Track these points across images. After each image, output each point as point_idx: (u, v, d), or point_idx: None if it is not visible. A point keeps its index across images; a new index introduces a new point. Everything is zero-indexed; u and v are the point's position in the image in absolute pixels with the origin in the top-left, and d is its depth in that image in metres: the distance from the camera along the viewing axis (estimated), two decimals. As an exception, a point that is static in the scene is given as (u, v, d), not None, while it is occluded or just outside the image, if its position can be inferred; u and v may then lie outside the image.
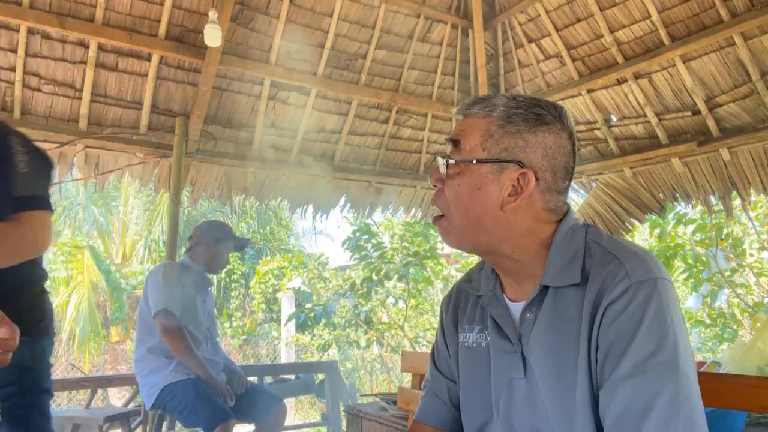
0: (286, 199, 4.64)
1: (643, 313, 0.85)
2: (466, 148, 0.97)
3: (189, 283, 2.98)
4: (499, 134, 0.96)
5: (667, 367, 0.82)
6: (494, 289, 1.06)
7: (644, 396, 0.81)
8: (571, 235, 0.97)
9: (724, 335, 5.69)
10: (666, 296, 0.87)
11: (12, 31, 3.39)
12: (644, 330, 0.84)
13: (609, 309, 0.87)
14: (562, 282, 0.94)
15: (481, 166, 0.95)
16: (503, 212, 0.95)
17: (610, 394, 0.84)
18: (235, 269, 12.47)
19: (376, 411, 2.51)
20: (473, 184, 0.96)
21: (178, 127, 3.89)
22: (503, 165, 0.95)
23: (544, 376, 0.93)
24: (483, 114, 0.98)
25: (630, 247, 0.94)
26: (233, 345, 10.82)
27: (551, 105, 0.99)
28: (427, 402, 1.18)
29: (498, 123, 0.96)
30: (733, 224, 5.94)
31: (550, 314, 0.95)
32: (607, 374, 0.86)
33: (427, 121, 4.94)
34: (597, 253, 0.94)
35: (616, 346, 0.86)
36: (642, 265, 0.89)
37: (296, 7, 4.07)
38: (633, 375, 0.83)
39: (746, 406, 1.08)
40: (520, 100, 0.98)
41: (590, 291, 0.91)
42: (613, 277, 0.89)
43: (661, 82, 3.94)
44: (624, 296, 0.87)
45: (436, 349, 1.20)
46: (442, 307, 1.21)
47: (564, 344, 0.92)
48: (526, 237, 0.97)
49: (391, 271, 6.63)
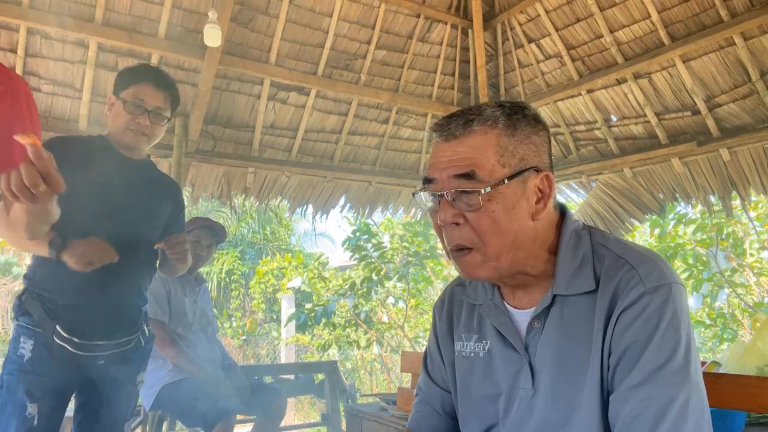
0: (286, 199, 4.64)
1: (659, 320, 0.84)
2: (486, 170, 0.88)
3: (174, 286, 2.96)
4: (512, 145, 0.90)
5: (679, 375, 0.82)
6: (493, 297, 1.02)
7: (657, 404, 0.81)
8: (576, 239, 0.95)
9: (724, 335, 5.69)
10: (680, 302, 0.86)
11: (12, 31, 3.39)
12: (659, 337, 0.83)
13: (623, 315, 0.86)
14: (575, 290, 0.91)
15: (510, 184, 0.88)
16: (533, 222, 0.91)
17: (623, 400, 0.83)
18: (235, 269, 12.48)
19: (376, 411, 2.51)
20: (508, 205, 0.88)
21: (178, 127, 3.89)
22: (525, 175, 0.90)
23: (554, 386, 0.92)
24: (486, 128, 0.90)
25: (639, 250, 0.92)
26: (233, 345, 10.81)
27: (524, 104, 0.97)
28: (421, 411, 1.15)
29: (506, 133, 0.90)
30: (733, 224, 5.93)
31: (558, 323, 0.93)
32: (618, 380, 0.85)
33: (427, 121, 4.94)
34: (606, 258, 0.92)
35: (629, 353, 0.85)
36: (655, 270, 0.88)
37: (296, 7, 4.06)
38: (646, 382, 0.82)
39: (746, 406, 1.08)
40: (510, 104, 0.94)
41: (602, 297, 0.89)
42: (626, 282, 0.87)
43: (661, 82, 3.94)
44: (639, 302, 0.85)
45: (429, 356, 1.16)
46: (435, 313, 1.16)
47: (574, 352, 0.90)
48: (538, 245, 0.94)
49: (391, 271, 6.64)
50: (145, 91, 1.92)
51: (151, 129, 1.94)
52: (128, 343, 1.89)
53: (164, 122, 1.98)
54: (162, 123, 1.97)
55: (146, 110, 1.91)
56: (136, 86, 1.92)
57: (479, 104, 0.94)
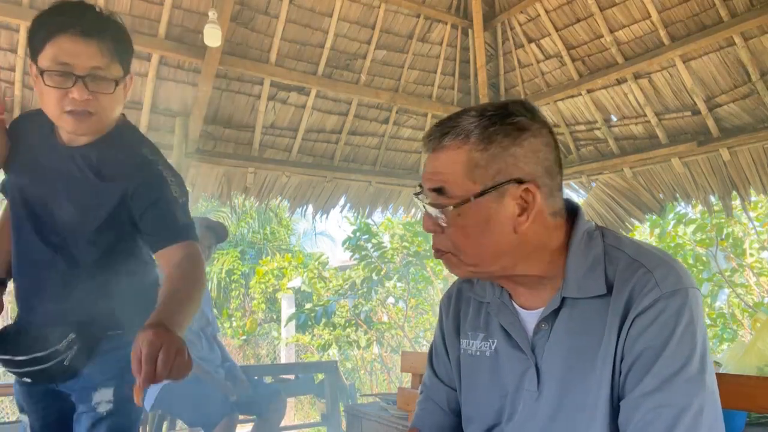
0: (286, 199, 4.64)
1: (675, 325, 0.82)
2: (455, 187, 0.88)
3: None
4: (485, 159, 0.87)
5: (694, 383, 0.80)
6: (501, 296, 1.01)
7: (670, 412, 0.79)
8: (587, 240, 0.93)
9: (724, 335, 5.69)
10: (696, 308, 0.84)
11: (12, 31, 3.39)
12: (674, 344, 0.82)
13: (637, 320, 0.84)
14: (585, 293, 0.90)
15: (480, 200, 0.87)
16: (518, 234, 0.89)
17: (635, 407, 0.82)
18: (235, 269, 12.47)
19: (376, 411, 2.51)
20: (479, 220, 0.88)
21: (178, 127, 3.89)
22: (502, 188, 0.87)
23: (560, 389, 0.90)
24: (458, 143, 0.88)
25: (654, 252, 0.90)
26: (233, 345, 10.81)
27: (521, 104, 0.91)
28: (425, 409, 1.14)
29: (479, 148, 0.87)
30: (733, 224, 5.94)
31: (567, 325, 0.91)
32: (631, 386, 0.83)
33: (427, 121, 4.94)
34: (620, 260, 0.89)
35: (643, 359, 0.83)
36: (672, 273, 0.85)
37: (296, 7, 4.07)
38: (660, 389, 0.80)
39: (746, 406, 1.08)
40: (490, 113, 0.89)
41: (616, 301, 0.86)
42: (642, 286, 0.85)
43: (661, 82, 3.94)
44: (654, 307, 0.83)
45: (435, 353, 1.15)
46: (442, 309, 1.14)
47: (582, 355, 0.88)
48: (539, 250, 0.92)
49: (391, 271, 6.64)
50: (67, 47, 1.28)
51: (96, 102, 1.33)
52: (47, 359, 1.41)
53: (112, 87, 1.35)
54: (109, 89, 1.34)
55: (77, 77, 1.29)
56: (53, 43, 1.28)
57: (460, 112, 0.91)
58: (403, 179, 5.00)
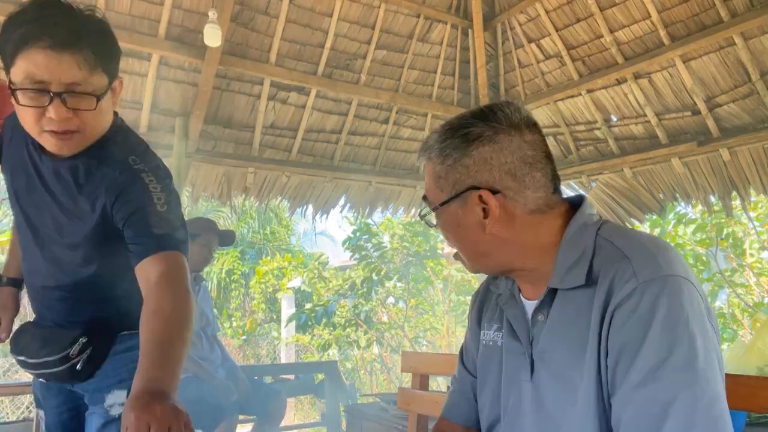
0: (286, 199, 4.64)
1: (653, 315, 0.80)
2: (431, 196, 1.01)
3: None
4: (444, 171, 0.97)
5: (682, 373, 0.77)
6: (512, 288, 1.04)
7: (657, 405, 0.76)
8: (581, 233, 0.93)
9: (724, 335, 5.69)
10: (678, 295, 0.81)
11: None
12: (654, 334, 0.79)
13: (617, 312, 0.83)
14: (567, 284, 0.91)
15: (448, 207, 0.98)
16: (491, 234, 0.95)
17: (622, 404, 0.80)
18: (235, 269, 12.47)
19: (376, 411, 2.51)
20: (453, 224, 0.99)
21: (178, 127, 3.89)
22: (463, 196, 0.95)
23: (550, 381, 0.91)
24: (426, 159, 1.01)
25: (642, 241, 0.89)
26: (233, 345, 10.80)
27: (484, 111, 0.96)
28: (453, 399, 1.19)
29: (438, 162, 0.98)
30: (733, 224, 5.93)
31: (559, 317, 0.92)
32: (618, 383, 0.81)
33: (427, 121, 4.94)
34: (606, 251, 0.89)
35: (625, 353, 0.81)
36: (651, 262, 0.83)
37: (296, 7, 4.07)
38: (645, 383, 0.78)
39: (746, 406, 1.07)
40: (449, 127, 0.98)
41: (599, 292, 0.86)
42: (621, 276, 0.84)
43: (661, 82, 3.94)
44: (631, 298, 0.82)
45: (465, 345, 1.21)
46: (470, 303, 1.22)
47: (571, 347, 0.89)
48: (529, 245, 0.95)
49: (391, 271, 6.64)
50: (39, 61, 1.10)
51: (78, 119, 1.19)
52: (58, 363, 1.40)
53: (94, 102, 1.18)
54: (91, 106, 1.18)
55: (53, 95, 1.13)
56: (23, 57, 1.11)
57: (434, 131, 1.02)
58: (403, 179, 5.00)
